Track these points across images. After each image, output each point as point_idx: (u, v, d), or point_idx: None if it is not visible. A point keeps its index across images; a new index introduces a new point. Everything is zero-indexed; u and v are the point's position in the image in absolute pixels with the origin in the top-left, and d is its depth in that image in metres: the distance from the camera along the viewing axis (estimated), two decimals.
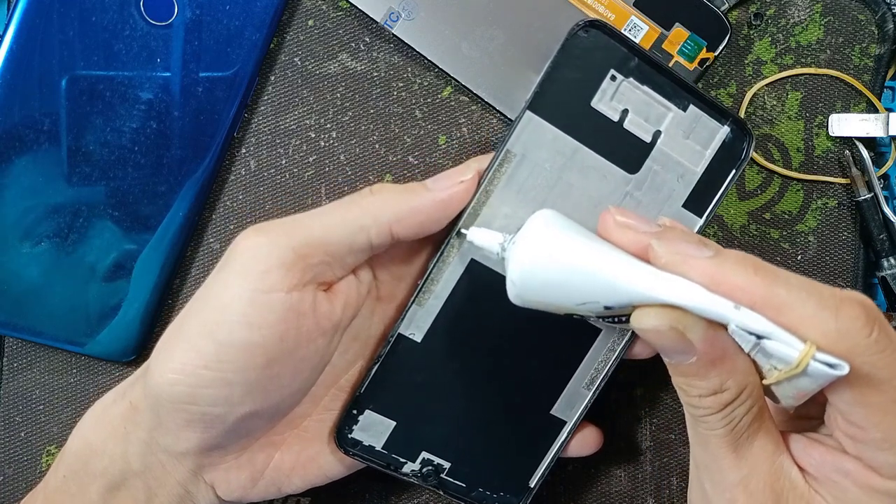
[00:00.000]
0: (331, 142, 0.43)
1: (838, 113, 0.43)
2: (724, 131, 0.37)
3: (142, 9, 0.39)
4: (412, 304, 0.37)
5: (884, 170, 0.45)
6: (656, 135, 0.36)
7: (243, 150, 0.42)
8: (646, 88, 0.36)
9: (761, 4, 0.43)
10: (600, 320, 0.32)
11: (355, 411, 0.38)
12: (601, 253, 0.30)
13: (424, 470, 0.39)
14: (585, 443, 0.41)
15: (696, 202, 0.37)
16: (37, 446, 0.43)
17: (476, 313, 0.37)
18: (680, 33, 0.41)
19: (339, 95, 0.42)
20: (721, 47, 0.41)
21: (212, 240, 0.43)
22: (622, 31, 0.37)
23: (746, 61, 0.43)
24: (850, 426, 0.29)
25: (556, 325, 0.33)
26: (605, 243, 0.31)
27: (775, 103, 0.44)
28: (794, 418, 0.34)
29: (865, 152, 0.43)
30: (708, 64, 0.41)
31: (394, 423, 0.38)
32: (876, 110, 0.43)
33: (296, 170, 0.43)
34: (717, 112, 0.36)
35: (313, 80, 0.42)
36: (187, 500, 0.36)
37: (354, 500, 0.44)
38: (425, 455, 0.39)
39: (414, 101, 0.43)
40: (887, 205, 0.43)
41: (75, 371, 0.43)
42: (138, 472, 0.35)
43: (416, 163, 0.43)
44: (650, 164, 0.36)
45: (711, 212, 0.37)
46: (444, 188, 0.35)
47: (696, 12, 0.41)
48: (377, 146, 0.43)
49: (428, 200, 0.35)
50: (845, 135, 0.43)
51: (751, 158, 0.43)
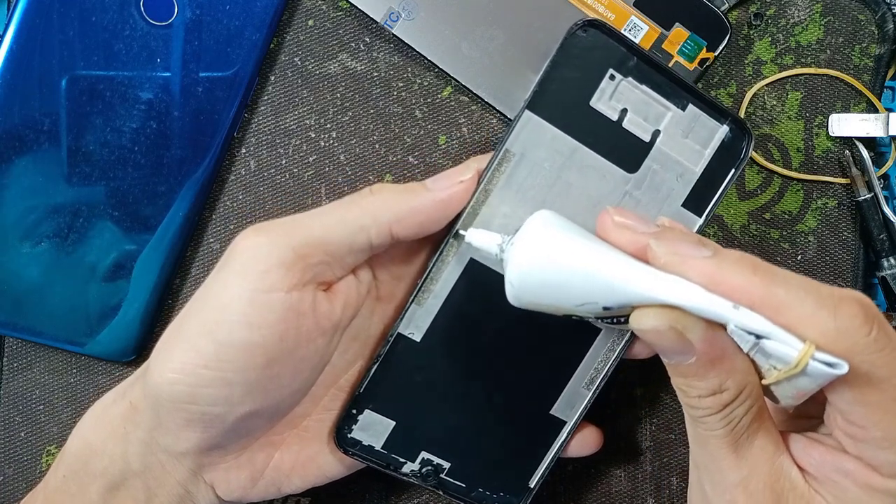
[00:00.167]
0: (331, 142, 0.43)
1: (838, 113, 0.43)
2: (723, 130, 0.37)
3: (142, 9, 0.39)
4: (411, 303, 0.37)
5: (884, 170, 0.44)
6: (655, 134, 0.36)
7: (243, 150, 0.42)
8: (645, 88, 0.36)
9: (761, 4, 0.43)
10: (599, 321, 0.32)
11: (354, 411, 0.38)
12: (599, 253, 0.30)
13: (424, 470, 0.39)
14: (585, 443, 0.41)
15: (695, 201, 0.37)
16: (37, 446, 0.43)
17: (475, 313, 0.37)
18: (680, 33, 0.41)
19: (339, 95, 0.42)
20: (721, 47, 0.41)
21: (212, 240, 0.43)
22: (621, 31, 0.37)
23: (746, 61, 0.43)
24: (850, 425, 0.29)
25: (555, 324, 0.33)
26: (604, 244, 0.31)
27: (775, 103, 0.44)
28: (794, 417, 0.34)
29: (865, 152, 0.43)
30: (708, 64, 0.41)
31: (393, 423, 0.38)
32: (876, 110, 0.43)
33: (296, 170, 0.43)
34: (716, 111, 0.36)
35: (313, 80, 0.42)
36: (187, 500, 0.36)
37: (354, 500, 0.44)
38: (425, 455, 0.39)
39: (414, 101, 0.43)
40: (887, 205, 0.43)
41: (75, 371, 0.43)
42: (138, 472, 0.35)
43: (416, 163, 0.43)
44: (649, 164, 0.36)
45: (711, 211, 0.37)
46: (444, 188, 0.35)
47: (696, 12, 0.41)
48: (377, 146, 0.43)
49: (428, 200, 0.35)
50: (845, 135, 0.43)
51: (751, 158, 0.43)
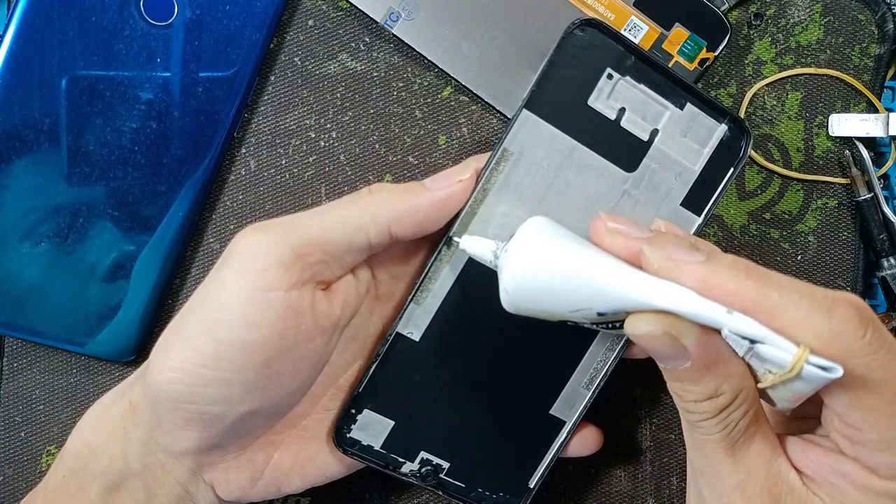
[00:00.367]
0: (331, 142, 0.43)
1: (838, 113, 0.43)
2: (721, 130, 0.37)
3: (142, 9, 0.39)
4: (410, 302, 0.37)
5: (884, 170, 0.44)
6: (653, 133, 0.36)
7: (243, 150, 0.43)
8: (642, 87, 0.36)
9: (761, 4, 0.43)
10: (595, 326, 0.32)
11: (354, 410, 0.38)
12: (593, 260, 0.30)
13: (423, 470, 0.39)
14: (585, 443, 0.41)
15: (694, 201, 0.37)
16: (37, 446, 0.43)
17: (474, 312, 0.37)
18: (680, 33, 0.41)
19: (339, 95, 0.43)
20: (721, 47, 0.41)
21: (212, 240, 0.43)
22: (619, 30, 0.37)
23: (746, 61, 0.43)
24: (847, 428, 0.29)
25: (555, 324, 0.33)
26: (598, 250, 0.31)
27: (775, 103, 0.44)
28: (792, 419, 0.33)
29: (865, 152, 0.43)
30: (708, 64, 0.41)
31: (392, 423, 0.38)
32: (876, 110, 0.43)
33: (296, 170, 0.43)
34: (715, 110, 0.36)
35: (313, 80, 0.42)
36: (187, 500, 0.36)
37: (354, 500, 0.44)
38: (424, 455, 0.39)
39: (414, 101, 0.43)
40: (887, 205, 0.43)
41: (75, 371, 0.43)
42: (138, 471, 0.35)
43: (416, 163, 0.43)
44: (648, 163, 0.36)
45: (710, 210, 0.37)
46: (443, 187, 0.35)
47: (696, 12, 0.41)
48: (377, 146, 0.43)
49: (426, 200, 0.35)
50: (845, 135, 0.43)
51: (750, 158, 0.43)
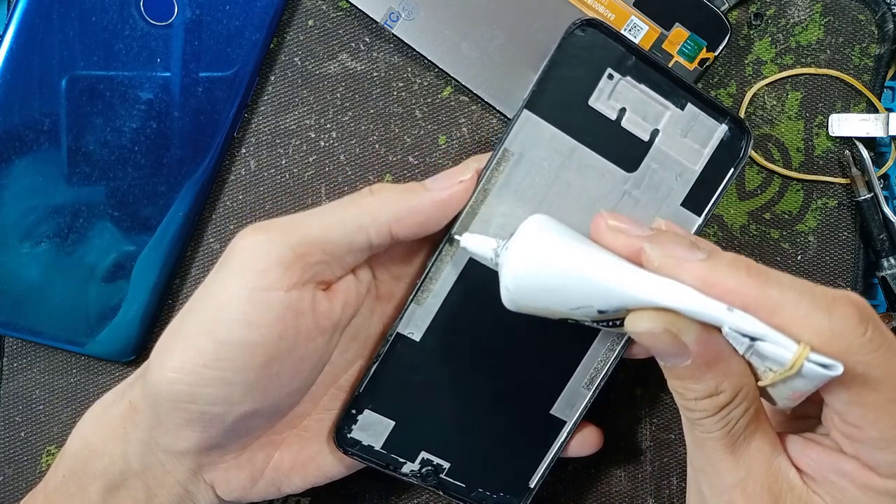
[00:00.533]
0: (331, 142, 0.43)
1: (838, 113, 0.43)
2: (722, 130, 0.37)
3: (142, 9, 0.39)
4: (411, 303, 0.37)
5: (884, 170, 0.44)
6: (654, 133, 0.36)
7: (243, 150, 0.43)
8: (643, 87, 0.36)
9: (761, 4, 0.43)
10: (595, 324, 0.32)
11: (354, 411, 0.38)
12: (594, 257, 0.30)
13: (424, 470, 0.39)
14: (585, 443, 0.41)
15: (694, 201, 0.37)
16: (37, 446, 0.43)
17: (475, 312, 0.37)
18: (680, 33, 0.41)
19: (339, 95, 0.43)
20: (721, 47, 0.41)
21: (212, 240, 0.43)
22: (619, 31, 0.37)
23: (746, 61, 0.43)
24: (847, 426, 0.29)
25: (555, 324, 0.33)
26: (598, 247, 0.31)
27: (775, 103, 0.44)
28: (791, 418, 0.33)
29: (865, 152, 0.43)
30: (708, 64, 0.41)
31: (393, 423, 0.38)
32: (876, 110, 0.43)
33: (296, 170, 0.43)
34: (715, 110, 0.36)
35: (313, 80, 0.42)
36: (187, 500, 0.36)
37: (354, 500, 0.44)
38: (425, 455, 0.39)
39: (414, 101, 0.43)
40: (887, 205, 0.43)
41: (75, 371, 0.43)
42: (138, 472, 0.35)
43: (416, 163, 0.43)
44: (648, 163, 0.36)
45: (710, 210, 0.37)
46: (444, 188, 0.35)
47: (696, 12, 0.41)
48: (377, 146, 0.43)
49: (427, 200, 0.35)
50: (845, 135, 0.43)
51: (750, 158, 0.43)
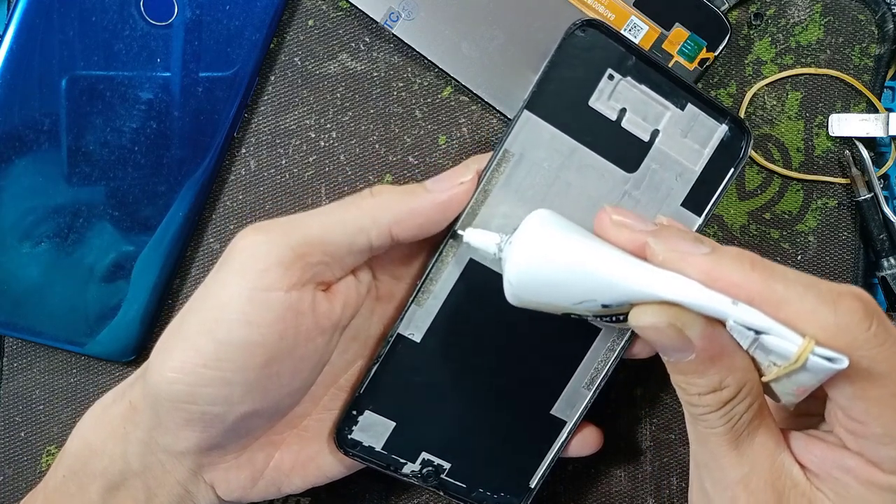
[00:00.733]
0: (331, 142, 0.43)
1: (838, 113, 0.43)
2: (722, 130, 0.37)
3: (142, 9, 0.39)
4: (411, 304, 0.37)
5: (884, 170, 0.44)
6: (654, 134, 0.36)
7: (243, 150, 0.42)
8: (643, 87, 0.36)
9: (761, 4, 0.43)
10: (598, 320, 0.32)
11: (355, 412, 0.38)
12: (598, 251, 0.30)
13: (424, 470, 0.39)
14: (586, 443, 0.41)
15: (694, 201, 0.37)
16: (37, 446, 0.43)
17: (475, 313, 0.37)
18: (680, 33, 0.41)
19: (339, 95, 0.43)
20: (721, 47, 0.41)
21: (212, 240, 0.43)
22: (620, 31, 0.37)
23: (746, 61, 0.43)
24: (851, 421, 0.29)
25: (555, 324, 0.33)
26: (602, 242, 0.31)
27: (775, 103, 0.44)
28: (795, 416, 0.33)
29: (865, 152, 0.43)
30: (708, 64, 0.41)
31: (393, 424, 0.38)
32: (876, 110, 0.43)
33: (296, 170, 0.43)
34: (715, 111, 0.36)
35: (313, 80, 0.42)
36: (187, 500, 0.36)
37: (354, 500, 0.44)
38: (425, 456, 0.39)
39: (414, 101, 0.43)
40: (887, 205, 0.43)
41: (75, 371, 0.43)
42: (138, 472, 0.35)
43: (416, 163, 0.43)
44: (648, 163, 0.36)
45: (710, 210, 0.37)
46: (444, 189, 0.35)
47: (696, 12, 0.41)
48: (377, 146, 0.43)
49: (427, 202, 0.35)
50: (845, 135, 0.43)
51: (750, 158, 0.43)
